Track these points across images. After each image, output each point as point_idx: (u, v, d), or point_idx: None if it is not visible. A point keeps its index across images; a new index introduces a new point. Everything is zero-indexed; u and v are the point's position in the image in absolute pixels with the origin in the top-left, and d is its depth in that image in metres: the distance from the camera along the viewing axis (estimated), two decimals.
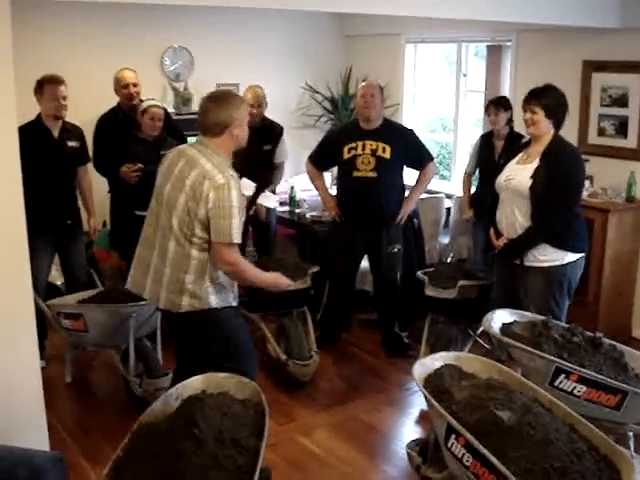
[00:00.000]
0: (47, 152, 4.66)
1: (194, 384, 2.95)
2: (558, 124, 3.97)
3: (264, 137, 5.30)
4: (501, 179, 4.10)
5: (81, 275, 5.02)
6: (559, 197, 3.88)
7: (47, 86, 4.62)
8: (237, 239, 3.16)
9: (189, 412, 2.66)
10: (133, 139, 4.99)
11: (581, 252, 4.02)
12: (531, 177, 3.90)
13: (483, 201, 5.36)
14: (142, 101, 5.07)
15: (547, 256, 3.96)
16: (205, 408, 2.68)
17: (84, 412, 4.33)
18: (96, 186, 5.23)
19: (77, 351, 4.73)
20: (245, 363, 3.32)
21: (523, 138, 5.28)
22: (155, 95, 5.64)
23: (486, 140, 5.51)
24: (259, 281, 3.39)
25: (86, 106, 5.29)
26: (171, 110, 6.37)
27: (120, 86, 5.15)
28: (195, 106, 6.60)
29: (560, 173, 3.88)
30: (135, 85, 5.17)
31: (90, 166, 5.11)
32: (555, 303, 4.01)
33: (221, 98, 3.32)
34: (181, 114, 6.42)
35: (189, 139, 5.89)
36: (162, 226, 3.29)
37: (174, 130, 5.33)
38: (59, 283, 5.33)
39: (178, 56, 6.71)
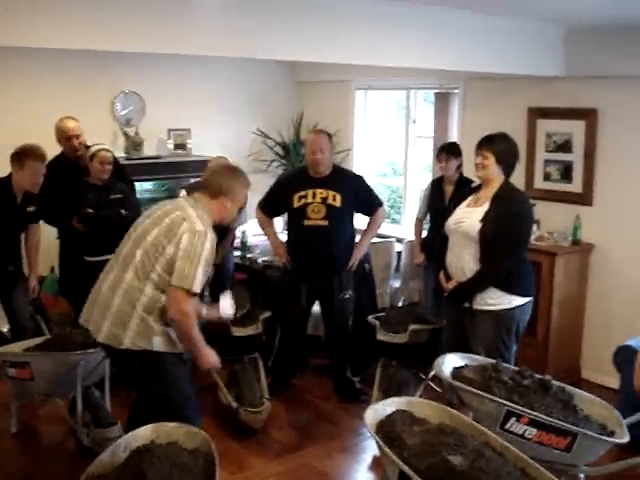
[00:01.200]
0: (6, 215, 4.67)
1: (143, 434, 2.89)
2: (508, 170, 4.05)
3: None
4: (450, 222, 4.15)
5: (26, 321, 4.92)
6: (508, 241, 3.94)
7: (30, 162, 4.61)
8: (197, 289, 3.15)
9: (137, 463, 2.61)
10: (83, 185, 4.95)
11: (528, 296, 4.08)
12: (480, 220, 3.96)
13: (434, 245, 5.42)
14: (88, 147, 5.04)
15: (495, 300, 4.00)
16: (154, 459, 2.63)
17: (30, 462, 4.21)
18: (44, 232, 5.16)
19: (23, 400, 4.61)
20: (190, 411, 3.27)
21: (472, 183, 5.39)
22: (106, 139, 5.64)
23: (437, 185, 5.58)
24: (196, 348, 3.30)
25: None
26: (122, 155, 6.36)
27: (63, 137, 5.11)
28: (146, 150, 6.59)
29: (509, 217, 3.94)
30: (78, 137, 5.12)
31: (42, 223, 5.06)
32: (504, 346, 4.04)
33: (232, 170, 3.54)
34: (132, 159, 6.39)
35: (139, 184, 5.91)
36: (124, 255, 3.28)
37: (122, 174, 5.31)
38: (5, 330, 5.20)
39: (129, 101, 6.70)
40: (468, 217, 4.04)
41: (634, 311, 5.17)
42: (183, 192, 4.90)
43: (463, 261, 4.05)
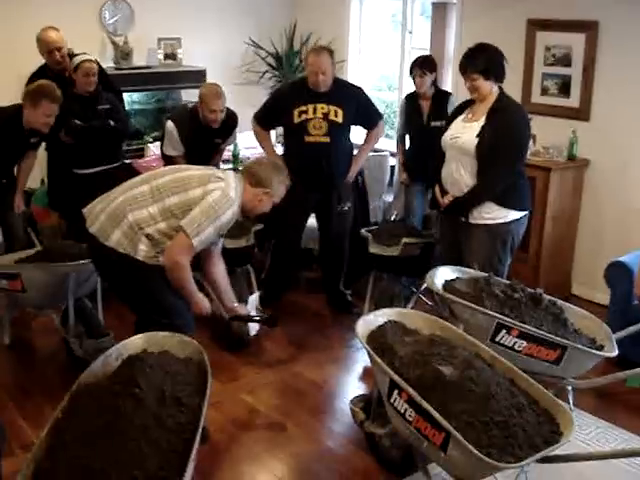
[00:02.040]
0: (10, 143, 4.61)
1: (135, 343, 2.91)
2: (500, 78, 3.97)
3: (219, 133, 5.07)
4: (447, 137, 4.09)
5: (19, 234, 4.90)
6: (505, 154, 3.89)
7: (45, 103, 4.46)
8: (197, 245, 3.20)
9: (129, 372, 2.62)
10: (68, 97, 4.82)
11: (524, 210, 4.06)
12: (477, 135, 3.90)
13: (415, 163, 5.36)
14: (73, 56, 4.90)
15: (491, 214, 3.98)
16: (146, 367, 2.64)
17: (23, 374, 4.24)
18: None
19: (15, 312, 4.62)
20: (176, 319, 3.30)
21: (450, 95, 5.29)
22: (93, 49, 5.52)
23: (411, 101, 5.40)
24: (188, 295, 3.35)
25: (19, 61, 5.11)
26: (110, 65, 6.21)
27: (45, 50, 4.95)
28: (135, 60, 6.43)
29: (506, 130, 3.89)
30: (60, 49, 4.95)
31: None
32: (498, 260, 4.05)
33: (278, 167, 3.66)
34: (121, 69, 6.25)
35: (128, 95, 5.79)
36: (153, 174, 3.40)
37: (109, 85, 5.19)
38: None
39: (117, 9, 6.49)
40: (464, 132, 3.99)
41: (627, 228, 5.16)
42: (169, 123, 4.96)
43: (459, 176, 4.01)
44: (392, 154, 6.25)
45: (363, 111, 4.83)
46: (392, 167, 6.16)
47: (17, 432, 3.55)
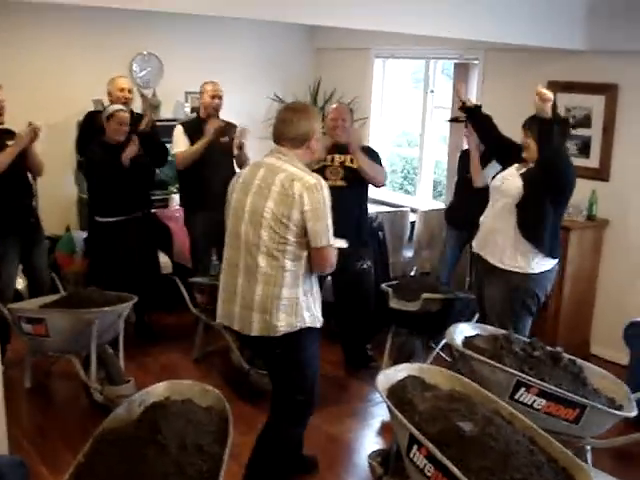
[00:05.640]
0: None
1: (157, 391, 2.94)
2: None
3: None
4: (495, 180, 4.22)
5: (44, 279, 4.98)
6: (549, 196, 3.94)
7: None
8: (333, 240, 3.10)
9: (152, 418, 2.65)
10: (97, 143, 4.98)
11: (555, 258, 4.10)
12: (521, 175, 4.01)
13: (457, 214, 5.43)
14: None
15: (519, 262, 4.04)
16: (169, 415, 2.67)
17: (43, 418, 4.29)
18: (61, 191, 5.20)
19: (37, 356, 4.67)
20: (313, 394, 3.35)
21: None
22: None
23: (463, 156, 5.56)
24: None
25: (51, 109, 5.27)
26: None
27: (116, 89, 5.39)
28: (163, 112, 6.59)
29: (555, 170, 3.93)
30: (130, 91, 5.46)
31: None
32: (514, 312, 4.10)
33: (301, 110, 3.22)
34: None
35: None
36: (247, 242, 3.10)
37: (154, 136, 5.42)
38: (20, 287, 5.26)
39: (147, 63, 6.70)
40: (511, 177, 4.08)
41: None
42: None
43: (497, 219, 4.09)
44: (412, 210, 6.33)
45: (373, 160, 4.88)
46: (412, 223, 6.23)
47: (36, 476, 3.56)
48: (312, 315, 3.18)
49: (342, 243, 3.39)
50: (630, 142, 5.23)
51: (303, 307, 3.12)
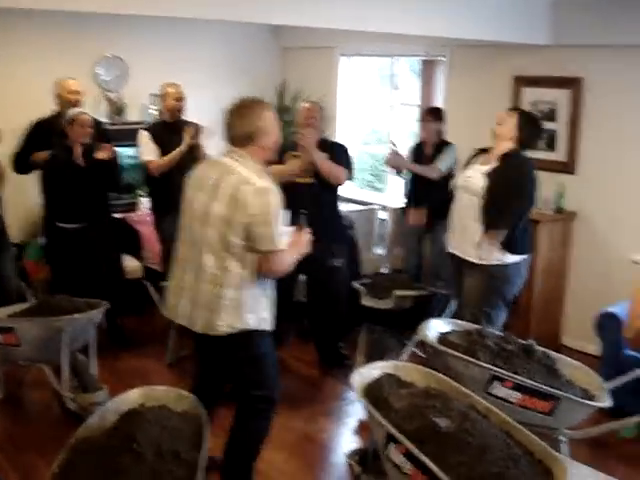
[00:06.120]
0: None
1: (132, 397, 2.92)
2: (521, 143, 4.11)
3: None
4: (459, 179, 4.27)
5: (12, 287, 4.91)
6: (512, 197, 4.04)
7: None
8: (284, 244, 3.05)
9: (128, 426, 2.63)
10: (61, 147, 4.93)
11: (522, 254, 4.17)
12: (485, 174, 4.05)
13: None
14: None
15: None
16: (144, 422, 2.65)
17: (16, 428, 4.22)
18: (25, 198, 5.13)
19: (8, 366, 4.60)
20: (273, 390, 3.29)
21: (450, 144, 5.36)
22: (88, 104, 5.60)
23: (417, 149, 5.54)
24: (294, 261, 3.19)
25: (13, 112, 5.20)
26: (105, 120, 6.29)
27: (66, 91, 5.32)
28: (129, 116, 6.53)
29: (514, 175, 4.05)
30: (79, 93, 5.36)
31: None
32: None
33: (245, 106, 3.15)
34: (115, 124, 6.35)
35: (122, 149, 5.86)
36: (196, 239, 3.10)
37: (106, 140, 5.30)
38: None
39: (112, 65, 6.63)
40: (475, 175, 4.13)
41: (615, 278, 5.23)
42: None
43: (464, 217, 4.14)
44: (382, 207, 6.33)
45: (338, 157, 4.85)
46: (382, 220, 6.24)
47: None
48: (258, 318, 3.14)
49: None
50: (595, 135, 5.29)
51: (247, 310, 3.09)
